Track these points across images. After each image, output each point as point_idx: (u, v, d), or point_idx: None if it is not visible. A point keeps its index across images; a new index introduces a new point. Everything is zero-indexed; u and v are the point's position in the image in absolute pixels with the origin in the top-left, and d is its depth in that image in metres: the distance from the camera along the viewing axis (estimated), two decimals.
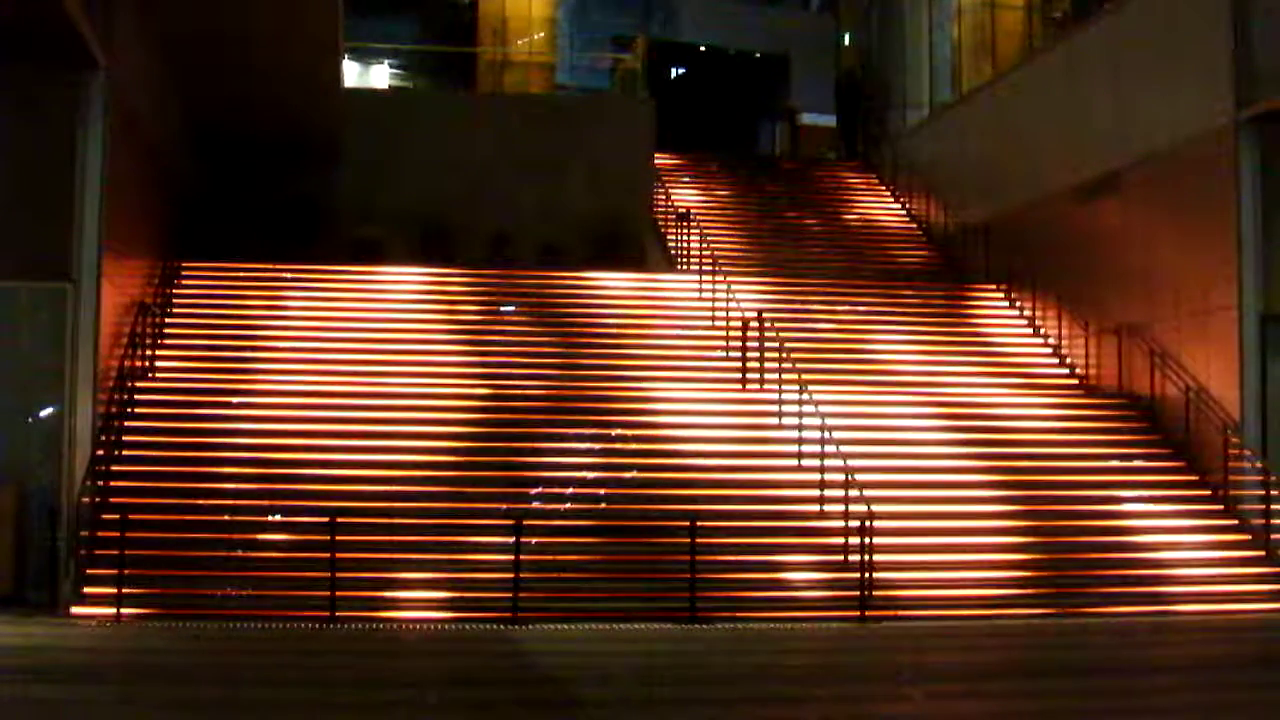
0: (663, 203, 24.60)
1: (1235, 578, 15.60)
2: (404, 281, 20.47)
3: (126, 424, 15.91)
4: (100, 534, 14.17)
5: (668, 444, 16.96)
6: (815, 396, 17.11)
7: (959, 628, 14.06)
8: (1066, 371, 20.29)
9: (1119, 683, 11.26)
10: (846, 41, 32.72)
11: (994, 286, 22.45)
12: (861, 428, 17.44)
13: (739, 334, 18.67)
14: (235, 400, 16.88)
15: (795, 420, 16.90)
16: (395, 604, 13.96)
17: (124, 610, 13.29)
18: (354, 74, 28.55)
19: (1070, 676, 11.55)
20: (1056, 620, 14.50)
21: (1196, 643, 13.58)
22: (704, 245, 21.56)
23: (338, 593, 13.48)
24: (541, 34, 29.40)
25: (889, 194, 27.82)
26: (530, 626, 13.38)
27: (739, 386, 18.29)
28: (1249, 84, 16.77)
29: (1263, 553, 15.90)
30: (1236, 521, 16.49)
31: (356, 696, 10.13)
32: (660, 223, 24.36)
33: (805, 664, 12.39)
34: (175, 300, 19.13)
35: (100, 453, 14.69)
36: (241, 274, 20.15)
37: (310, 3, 16.96)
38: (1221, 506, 16.71)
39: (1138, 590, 15.15)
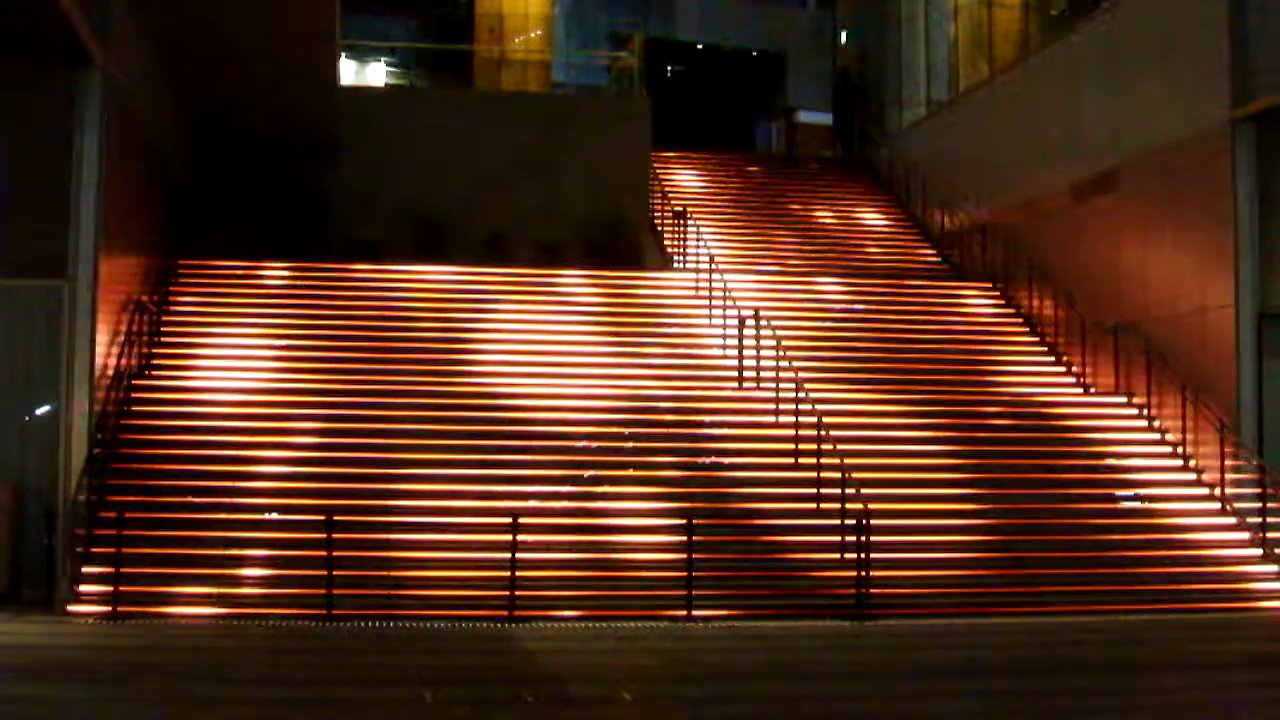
0: (659, 200, 24.59)
1: (1232, 576, 15.61)
2: (400, 279, 20.47)
3: (123, 422, 15.89)
4: (96, 532, 14.16)
5: (664, 441, 16.95)
6: (812, 394, 17.11)
7: (955, 626, 14.05)
8: (1063, 369, 20.29)
9: (1116, 681, 11.26)
10: (843, 40, 32.71)
11: (990, 284, 22.46)
12: (858, 425, 17.45)
13: (735, 332, 18.67)
14: (232, 398, 16.87)
15: (792, 418, 16.90)
16: (392, 601, 13.95)
17: (120, 608, 13.27)
18: (350, 72, 28.50)
19: (1067, 674, 11.57)
20: (1053, 619, 14.50)
21: (1194, 641, 13.58)
22: (700, 243, 21.54)
23: (334, 590, 13.48)
24: (538, 32, 29.37)
25: (885, 192, 27.81)
26: (527, 624, 13.39)
27: (735, 384, 18.30)
28: (1245, 82, 16.78)
29: (1260, 551, 15.92)
30: (1234, 520, 16.50)
31: (353, 693, 10.12)
32: (657, 221, 24.35)
33: (800, 661, 12.40)
34: (171, 298, 19.13)
35: (97, 451, 14.67)
36: (238, 272, 20.16)
37: (306, 0, 16.94)
38: (1219, 505, 16.73)
39: (1134, 588, 15.14)
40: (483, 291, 20.34)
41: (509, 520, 14.02)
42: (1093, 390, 19.52)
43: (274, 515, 14.81)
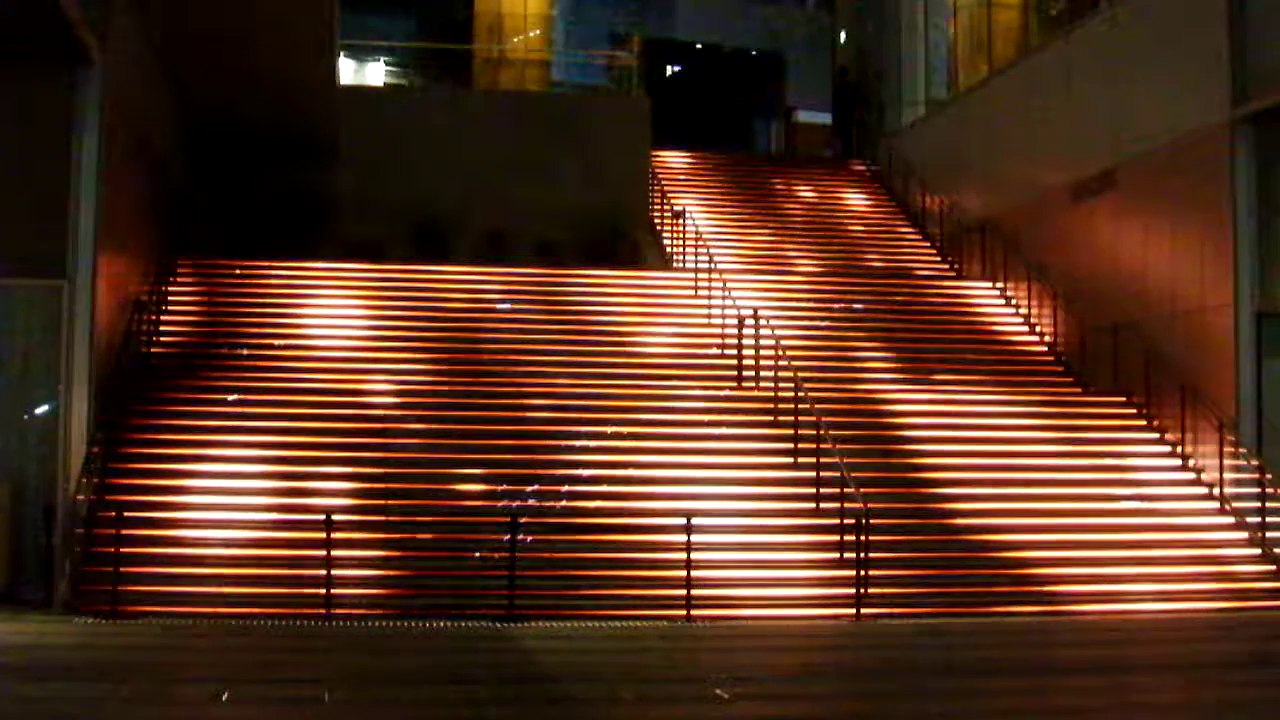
0: (658, 200, 24.59)
1: (1231, 575, 15.62)
2: (398, 278, 20.48)
3: (122, 421, 15.88)
4: (96, 531, 14.16)
5: (663, 441, 16.95)
6: (811, 394, 17.11)
7: (954, 625, 14.06)
8: (1063, 369, 20.30)
9: (1115, 680, 11.27)
10: (843, 39, 32.71)
11: (990, 284, 22.46)
12: (857, 425, 17.45)
13: (734, 331, 18.67)
14: (230, 398, 16.87)
15: (791, 418, 16.91)
16: (392, 601, 13.96)
17: (119, 607, 13.27)
18: (349, 71, 28.53)
19: (1066, 674, 11.57)
20: (1050, 618, 14.52)
21: (1193, 640, 13.58)
22: (699, 243, 21.55)
23: (334, 590, 13.49)
24: (537, 31, 29.39)
25: (885, 191, 27.81)
26: (525, 624, 13.39)
27: (734, 384, 18.30)
28: (1245, 82, 16.79)
29: (1259, 551, 15.93)
30: (1233, 520, 16.51)
31: (352, 693, 10.13)
32: (656, 220, 24.36)
33: (798, 661, 12.41)
34: (170, 298, 19.13)
35: (96, 450, 14.68)
36: (237, 271, 20.16)
37: (306, 0, 16.95)
38: (1217, 505, 16.73)
39: (1133, 588, 15.15)
40: (489, 292, 20.32)
41: (508, 519, 14.04)
42: (1091, 389, 19.52)
43: (273, 515, 14.82)
